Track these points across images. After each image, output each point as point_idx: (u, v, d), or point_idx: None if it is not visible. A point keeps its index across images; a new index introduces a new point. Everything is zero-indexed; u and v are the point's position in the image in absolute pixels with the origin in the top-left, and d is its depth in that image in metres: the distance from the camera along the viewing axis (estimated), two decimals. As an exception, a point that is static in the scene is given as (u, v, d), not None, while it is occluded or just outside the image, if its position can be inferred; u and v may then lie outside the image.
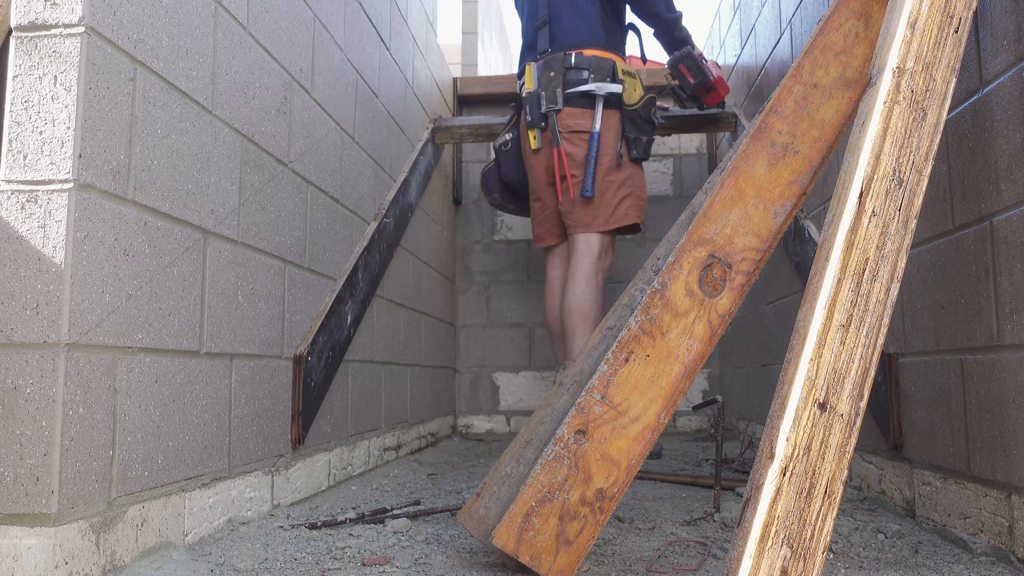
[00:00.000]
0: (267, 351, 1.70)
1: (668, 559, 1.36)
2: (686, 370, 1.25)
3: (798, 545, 0.93)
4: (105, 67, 1.17)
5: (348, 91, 2.26)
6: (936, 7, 1.15)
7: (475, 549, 1.43)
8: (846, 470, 0.97)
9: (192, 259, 1.41)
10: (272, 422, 1.73)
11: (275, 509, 1.72)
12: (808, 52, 1.34)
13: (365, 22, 2.44)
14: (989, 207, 1.37)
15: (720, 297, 1.27)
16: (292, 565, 1.30)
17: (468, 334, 3.95)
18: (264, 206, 1.69)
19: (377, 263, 2.43)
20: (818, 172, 1.32)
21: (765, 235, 1.29)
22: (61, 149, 1.11)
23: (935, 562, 1.33)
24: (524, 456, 1.35)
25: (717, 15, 3.92)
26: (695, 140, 4.07)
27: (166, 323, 1.32)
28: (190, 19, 1.41)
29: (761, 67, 2.92)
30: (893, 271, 1.06)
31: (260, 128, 1.68)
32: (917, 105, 1.12)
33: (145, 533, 1.26)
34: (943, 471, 1.53)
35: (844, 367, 1.01)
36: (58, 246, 1.10)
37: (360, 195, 2.34)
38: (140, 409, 1.25)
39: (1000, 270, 1.33)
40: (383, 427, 2.57)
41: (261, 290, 1.68)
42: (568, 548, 1.19)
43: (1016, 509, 1.28)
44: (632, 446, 1.22)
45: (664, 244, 1.47)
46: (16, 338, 1.09)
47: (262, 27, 1.69)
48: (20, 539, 1.06)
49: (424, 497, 1.97)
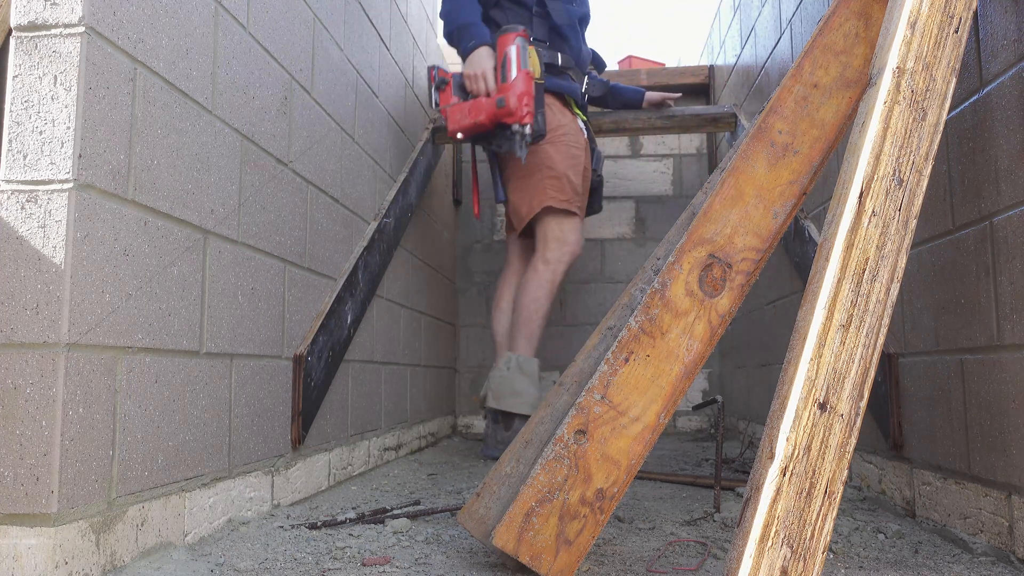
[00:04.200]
0: (267, 351, 1.70)
1: (668, 559, 1.36)
2: (686, 370, 1.25)
3: (798, 545, 0.93)
4: (105, 67, 1.17)
5: (348, 91, 2.26)
6: (936, 7, 1.15)
7: (475, 549, 1.43)
8: (846, 470, 0.97)
9: (192, 259, 1.41)
10: (272, 422, 1.73)
11: (275, 509, 1.72)
12: (808, 52, 1.34)
13: (365, 22, 2.44)
14: (989, 207, 1.37)
15: (720, 297, 1.27)
16: (292, 565, 1.30)
17: (468, 334, 3.95)
18: (264, 206, 1.69)
19: (377, 263, 2.43)
20: (818, 172, 1.32)
21: (765, 235, 1.29)
22: (61, 149, 1.11)
23: (935, 562, 1.33)
24: (524, 456, 1.35)
25: (717, 15, 3.92)
26: (695, 140, 4.07)
27: (166, 323, 1.32)
28: (190, 19, 1.41)
29: (761, 67, 2.92)
30: (893, 271, 1.06)
31: (260, 128, 1.68)
32: (917, 105, 1.12)
33: (145, 533, 1.26)
34: (943, 471, 1.53)
35: (844, 367, 1.01)
36: (58, 246, 1.10)
37: (360, 195, 2.34)
38: (140, 409, 1.25)
39: (1000, 270, 1.33)
40: (383, 427, 2.57)
41: (261, 290, 1.68)
42: (568, 548, 1.19)
43: (1016, 509, 1.28)
44: (632, 446, 1.22)
45: (664, 244, 1.47)
46: (16, 338, 1.09)
47: (262, 27, 1.69)
48: (20, 539, 1.06)
49: (424, 497, 1.97)
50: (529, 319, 2.66)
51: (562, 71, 2.72)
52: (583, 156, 2.70)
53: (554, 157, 2.61)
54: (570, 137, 2.65)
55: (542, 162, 2.61)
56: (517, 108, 2.40)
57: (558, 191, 2.61)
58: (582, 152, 2.70)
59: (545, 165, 2.61)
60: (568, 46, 2.74)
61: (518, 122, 2.41)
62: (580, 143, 2.70)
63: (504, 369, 2.66)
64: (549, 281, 2.65)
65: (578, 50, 2.81)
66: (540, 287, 2.65)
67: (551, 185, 2.61)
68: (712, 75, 3.98)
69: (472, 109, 2.49)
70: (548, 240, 2.66)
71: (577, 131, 2.71)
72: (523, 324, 2.66)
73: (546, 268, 2.65)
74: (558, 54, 2.70)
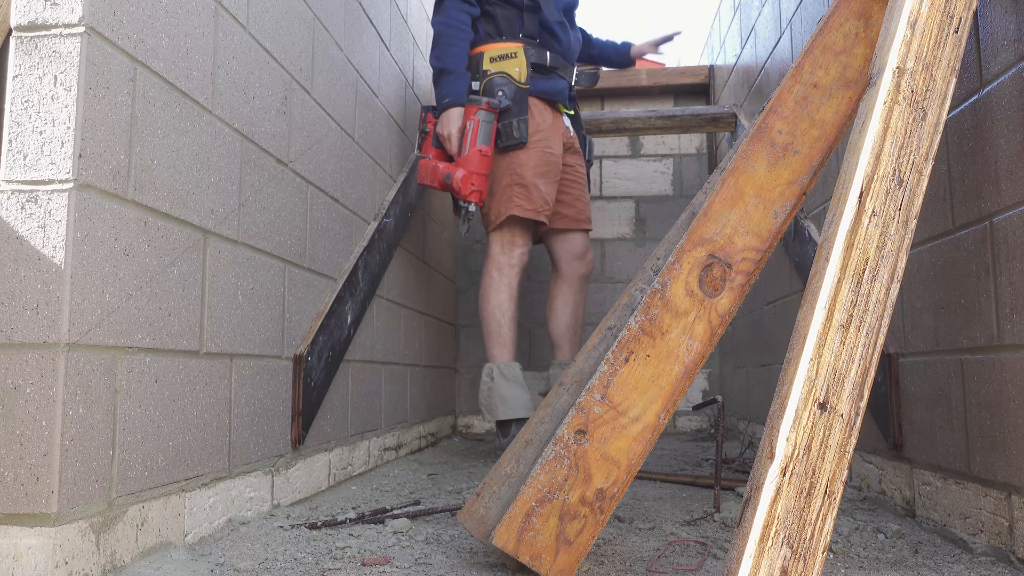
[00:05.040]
0: (267, 351, 1.70)
1: (668, 559, 1.36)
2: (686, 370, 1.25)
3: (798, 545, 0.93)
4: (105, 67, 1.17)
5: (348, 91, 2.26)
6: (936, 7, 1.15)
7: (475, 549, 1.43)
8: (846, 470, 0.97)
9: (192, 259, 1.41)
10: (272, 422, 1.73)
11: (275, 509, 1.72)
12: (808, 52, 1.34)
13: (365, 22, 2.44)
14: (989, 207, 1.37)
15: (720, 297, 1.27)
16: (292, 565, 1.30)
17: (468, 334, 3.95)
18: (264, 206, 1.69)
19: (377, 263, 2.43)
20: (818, 172, 1.32)
21: (765, 235, 1.29)
22: (61, 149, 1.11)
23: (935, 562, 1.33)
24: (524, 456, 1.35)
25: (717, 15, 3.92)
26: (695, 140, 4.07)
27: (166, 323, 1.32)
28: (190, 19, 1.41)
29: (761, 67, 2.92)
30: (893, 271, 1.06)
31: (260, 128, 1.68)
32: (917, 105, 1.12)
33: (145, 533, 1.26)
34: (943, 471, 1.53)
35: (844, 367, 1.01)
36: (58, 246, 1.10)
37: (360, 195, 2.34)
38: (140, 409, 1.25)
39: (1000, 270, 1.33)
40: (383, 427, 2.57)
41: (261, 290, 1.68)
42: (568, 548, 1.19)
43: (1016, 509, 1.28)
44: (632, 446, 1.22)
45: (664, 244, 1.47)
46: (16, 338, 1.09)
47: (262, 27, 1.69)
48: (20, 539, 1.06)
49: (424, 497, 1.97)
50: (499, 326, 2.67)
51: (550, 70, 2.71)
52: (558, 161, 2.70)
53: (526, 165, 2.62)
54: (546, 143, 2.66)
55: (514, 169, 2.62)
56: (460, 189, 2.50)
57: (525, 199, 2.62)
58: (557, 157, 2.70)
59: (516, 173, 2.62)
60: (557, 42, 2.74)
61: (463, 199, 2.52)
62: (556, 148, 2.70)
63: (488, 380, 2.67)
64: (508, 286, 2.67)
65: (567, 44, 2.79)
66: (500, 292, 2.66)
67: (518, 193, 2.62)
68: (712, 75, 3.99)
69: (430, 173, 2.58)
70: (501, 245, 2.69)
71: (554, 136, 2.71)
72: (494, 333, 2.68)
73: (500, 276, 2.67)
74: (547, 53, 2.70)
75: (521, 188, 2.62)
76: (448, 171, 2.51)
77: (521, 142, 2.58)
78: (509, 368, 2.66)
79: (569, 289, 2.80)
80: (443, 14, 2.64)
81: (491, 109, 2.54)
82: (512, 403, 2.62)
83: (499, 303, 2.66)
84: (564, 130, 2.78)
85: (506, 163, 2.62)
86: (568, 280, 2.81)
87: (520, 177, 2.62)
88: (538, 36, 2.71)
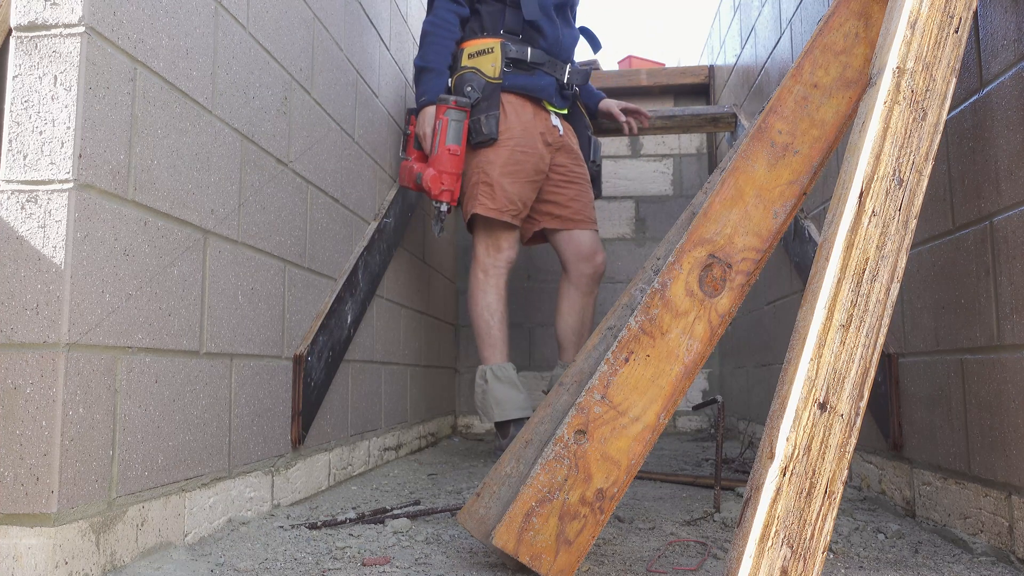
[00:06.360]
0: (267, 351, 1.70)
1: (668, 559, 1.36)
2: (686, 370, 1.25)
3: (798, 545, 0.93)
4: (105, 67, 1.17)
5: (348, 91, 2.26)
6: (936, 7, 1.15)
7: (475, 549, 1.43)
8: (846, 470, 0.97)
9: (192, 259, 1.41)
10: (272, 422, 1.73)
11: (275, 509, 1.72)
12: (808, 52, 1.34)
13: (365, 22, 2.44)
14: (989, 207, 1.37)
15: (720, 297, 1.27)
16: (292, 565, 1.30)
17: (468, 334, 3.95)
18: (264, 206, 1.69)
19: (377, 263, 2.43)
20: (818, 172, 1.32)
21: (765, 235, 1.29)
22: (61, 149, 1.11)
23: (935, 562, 1.33)
24: (524, 456, 1.35)
25: (717, 15, 3.92)
26: (695, 140, 4.07)
27: (166, 323, 1.32)
28: (190, 19, 1.41)
29: (761, 67, 2.92)
30: (893, 271, 1.06)
31: (260, 128, 1.68)
32: (917, 105, 1.12)
33: (145, 533, 1.26)
34: (943, 471, 1.53)
35: (844, 367, 1.01)
36: (58, 246, 1.10)
37: (360, 195, 2.34)
38: (140, 409, 1.25)
39: (1000, 270, 1.33)
40: (383, 427, 2.57)
41: (261, 290, 1.68)
42: (568, 548, 1.19)
43: (1016, 509, 1.28)
44: (632, 446, 1.22)
45: (664, 244, 1.47)
46: (16, 338, 1.09)
47: (262, 27, 1.69)
48: (20, 539, 1.06)
49: (424, 497, 1.97)
50: (489, 328, 2.65)
51: (532, 66, 2.62)
52: (534, 160, 2.62)
53: (494, 163, 2.57)
54: (518, 141, 2.58)
55: (482, 168, 2.59)
56: (430, 189, 2.49)
57: (488, 198, 2.57)
58: (533, 156, 2.61)
59: (483, 171, 2.58)
60: (543, 37, 2.65)
61: (435, 199, 2.51)
62: (532, 146, 2.61)
63: (482, 383, 2.64)
64: (494, 287, 2.65)
65: (555, 40, 2.69)
66: (487, 294, 2.64)
67: (483, 192, 2.58)
68: (712, 75, 3.99)
69: (407, 174, 2.58)
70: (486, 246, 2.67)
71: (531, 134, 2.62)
72: (484, 334, 2.65)
73: (486, 278, 2.65)
74: (528, 49, 2.61)
75: (486, 187, 2.57)
76: (420, 171, 2.50)
77: (490, 138, 2.53)
78: (502, 369, 2.64)
79: (576, 291, 2.76)
80: (432, 14, 2.62)
81: (460, 108, 2.50)
82: (507, 404, 2.60)
83: (487, 304, 2.64)
84: (550, 129, 2.68)
85: (475, 161, 2.59)
86: (574, 282, 2.76)
87: (486, 175, 2.57)
88: (521, 31, 2.64)
